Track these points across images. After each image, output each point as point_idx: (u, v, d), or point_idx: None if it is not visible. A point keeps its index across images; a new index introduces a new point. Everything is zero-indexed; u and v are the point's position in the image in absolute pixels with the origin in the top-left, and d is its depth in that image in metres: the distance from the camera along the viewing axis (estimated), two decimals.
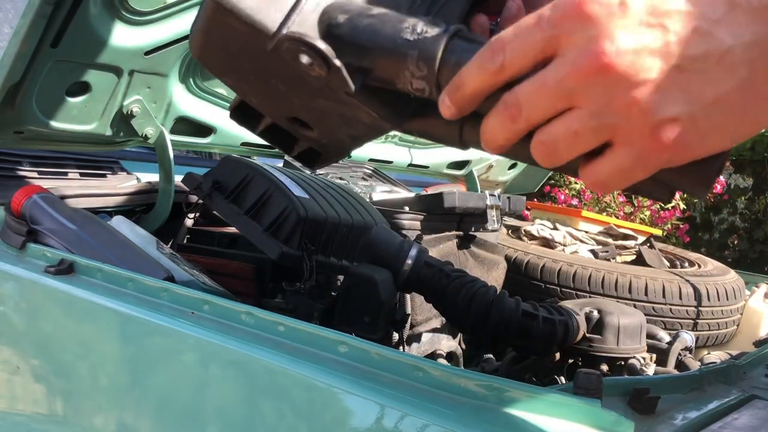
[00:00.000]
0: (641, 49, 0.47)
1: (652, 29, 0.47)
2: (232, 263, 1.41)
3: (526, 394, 0.72)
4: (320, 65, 0.63)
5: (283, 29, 0.63)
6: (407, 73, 0.60)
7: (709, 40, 0.47)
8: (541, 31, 0.50)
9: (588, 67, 0.48)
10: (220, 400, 0.88)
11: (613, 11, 0.47)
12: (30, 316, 1.16)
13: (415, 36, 0.59)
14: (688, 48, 0.47)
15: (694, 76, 0.47)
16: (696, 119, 0.48)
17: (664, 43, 0.47)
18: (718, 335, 1.88)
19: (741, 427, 0.82)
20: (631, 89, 0.47)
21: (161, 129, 1.65)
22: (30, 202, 1.26)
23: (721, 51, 0.46)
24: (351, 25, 0.63)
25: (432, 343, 1.61)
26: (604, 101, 0.48)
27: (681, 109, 0.47)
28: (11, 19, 1.23)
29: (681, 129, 0.48)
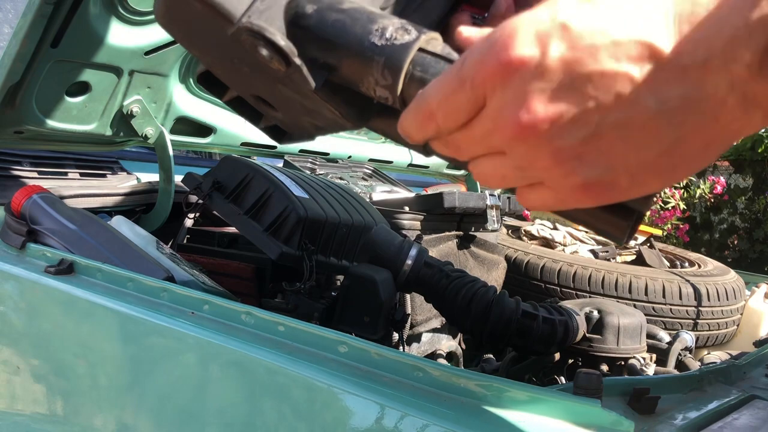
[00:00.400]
0: (557, 118, 0.45)
1: (571, 95, 0.45)
2: (232, 263, 1.41)
3: (526, 394, 0.72)
4: (279, 61, 0.61)
5: (243, 18, 0.60)
6: (371, 79, 0.58)
7: (631, 106, 0.44)
8: (466, 93, 0.49)
9: (508, 131, 0.47)
10: (220, 400, 0.88)
11: (532, 74, 0.45)
12: (30, 316, 1.16)
13: (383, 41, 0.57)
14: (608, 115, 0.45)
15: (616, 142, 0.45)
16: (618, 180, 0.47)
17: (582, 111, 0.45)
18: (718, 335, 1.88)
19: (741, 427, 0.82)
20: (550, 155, 0.47)
21: (161, 129, 1.65)
22: (30, 202, 1.26)
23: (645, 118, 0.44)
24: (318, 18, 0.60)
25: (432, 343, 1.61)
26: (527, 161, 0.48)
27: (601, 172, 0.46)
28: (11, 19, 1.23)
29: (604, 186, 0.47)
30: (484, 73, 0.47)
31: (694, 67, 0.43)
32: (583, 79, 0.45)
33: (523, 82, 0.46)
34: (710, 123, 0.44)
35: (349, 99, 0.64)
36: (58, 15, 1.25)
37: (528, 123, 0.46)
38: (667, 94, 0.44)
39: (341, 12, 0.60)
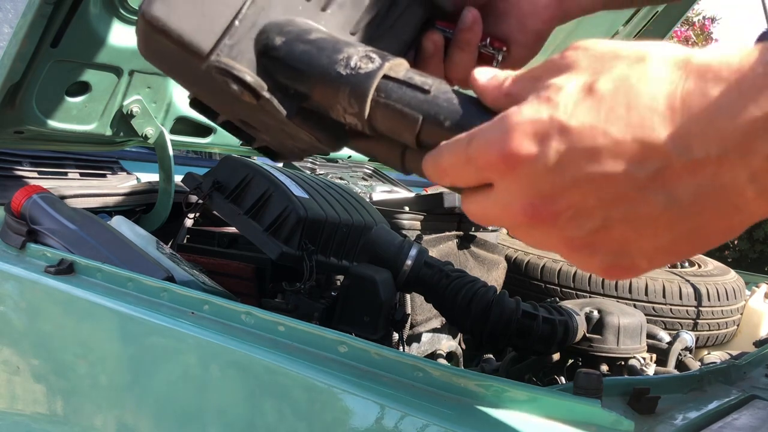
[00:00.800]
0: (561, 213, 0.45)
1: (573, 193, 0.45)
2: (232, 263, 1.41)
3: (526, 394, 0.72)
4: (249, 95, 0.62)
5: (212, 55, 0.62)
6: (340, 106, 0.59)
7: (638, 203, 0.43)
8: (472, 171, 0.49)
9: (517, 220, 0.48)
10: (220, 401, 0.88)
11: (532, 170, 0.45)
12: (30, 316, 1.16)
13: (348, 70, 0.58)
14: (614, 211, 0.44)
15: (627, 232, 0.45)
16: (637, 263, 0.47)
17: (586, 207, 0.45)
18: (719, 335, 1.88)
19: (741, 427, 0.82)
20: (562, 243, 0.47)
21: (161, 129, 1.65)
22: (30, 202, 1.26)
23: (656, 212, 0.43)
24: (287, 50, 0.62)
25: (432, 343, 1.61)
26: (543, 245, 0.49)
27: (616, 258, 0.46)
28: (11, 18, 1.23)
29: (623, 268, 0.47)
30: (487, 160, 0.48)
31: (708, 161, 0.41)
32: (584, 180, 0.44)
33: (525, 177, 0.46)
34: (731, 212, 0.43)
35: (323, 124, 0.65)
36: (57, 15, 1.25)
37: (533, 216, 0.46)
38: (678, 190, 0.42)
39: (308, 43, 0.61)
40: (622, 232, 0.45)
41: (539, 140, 0.45)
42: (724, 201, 0.42)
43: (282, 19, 0.64)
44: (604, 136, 0.43)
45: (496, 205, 0.49)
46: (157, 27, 0.62)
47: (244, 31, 0.63)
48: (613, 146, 0.43)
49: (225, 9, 0.62)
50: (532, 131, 0.45)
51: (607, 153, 0.43)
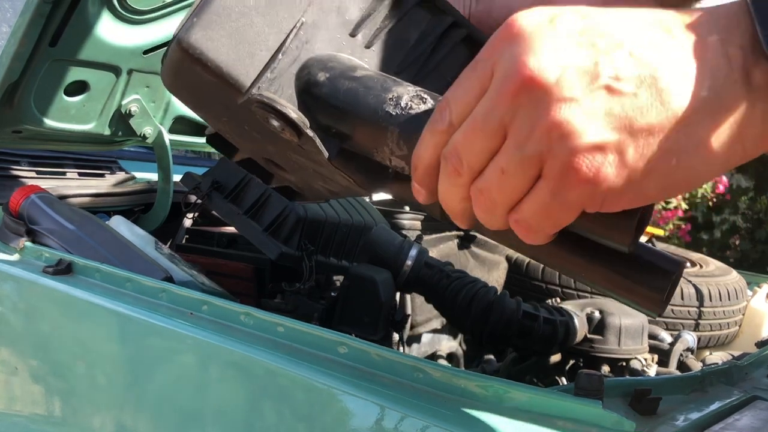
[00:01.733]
0: (567, 65, 0.43)
1: (581, 47, 0.43)
2: (231, 263, 1.41)
3: (527, 395, 0.71)
4: (291, 132, 0.60)
5: (253, 89, 0.59)
6: (386, 149, 0.56)
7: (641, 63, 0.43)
8: (477, 69, 0.46)
9: (511, 87, 0.44)
10: (219, 402, 0.88)
11: (542, 27, 0.44)
12: (28, 316, 1.16)
13: (398, 111, 0.55)
14: (618, 68, 0.42)
15: (626, 99, 0.42)
16: (623, 149, 0.43)
17: (593, 62, 0.43)
18: (720, 336, 1.88)
19: (743, 428, 0.81)
20: (554, 108, 0.42)
21: (160, 128, 1.65)
22: (28, 202, 1.26)
23: (655, 76, 0.42)
24: (331, 87, 0.59)
25: (432, 343, 1.60)
26: (528, 127, 0.43)
27: (607, 135, 0.42)
28: (9, 18, 1.23)
29: (605, 160, 0.43)
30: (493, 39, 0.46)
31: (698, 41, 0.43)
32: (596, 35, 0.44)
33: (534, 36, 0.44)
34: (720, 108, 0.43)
35: (363, 167, 0.62)
36: (56, 14, 1.25)
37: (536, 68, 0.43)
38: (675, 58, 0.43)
39: (354, 80, 0.58)
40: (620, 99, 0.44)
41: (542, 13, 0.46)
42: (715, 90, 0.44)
43: (325, 55, 0.62)
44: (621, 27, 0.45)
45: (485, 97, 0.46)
46: (194, 57, 0.59)
47: (285, 65, 0.60)
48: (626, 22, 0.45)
49: (268, 41, 0.60)
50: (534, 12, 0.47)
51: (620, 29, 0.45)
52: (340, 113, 0.59)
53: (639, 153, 0.43)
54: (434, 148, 0.49)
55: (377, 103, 0.56)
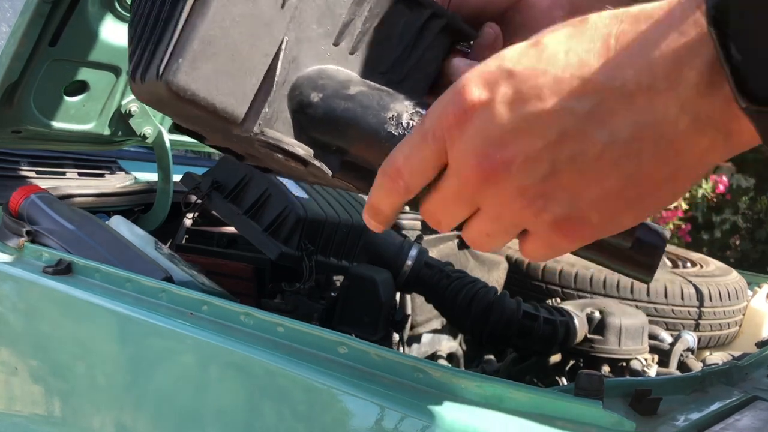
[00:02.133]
0: (513, 159, 0.46)
1: (522, 136, 0.46)
2: (231, 263, 1.41)
3: (527, 395, 0.71)
4: (296, 163, 0.61)
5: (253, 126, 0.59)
6: None
7: (581, 140, 0.45)
8: (428, 146, 0.50)
9: (472, 180, 0.48)
10: (218, 402, 0.88)
11: (484, 119, 0.47)
12: (28, 316, 1.16)
13: (400, 131, 0.56)
14: (560, 152, 0.45)
15: (574, 176, 0.46)
16: (588, 215, 0.47)
17: (534, 150, 0.46)
18: (720, 336, 1.87)
19: (743, 428, 0.81)
20: (517, 196, 0.47)
21: (160, 128, 1.65)
22: (28, 202, 1.26)
23: (598, 150, 0.44)
24: (326, 108, 0.59)
25: (432, 344, 1.60)
26: (499, 208, 0.49)
27: (567, 208, 0.47)
28: (9, 17, 1.22)
29: (577, 223, 0.47)
30: (442, 123, 0.49)
31: (639, 92, 0.43)
32: (531, 119, 0.45)
33: (477, 129, 0.47)
34: (668, 150, 0.44)
35: (364, 175, 0.63)
36: (56, 14, 1.25)
37: (487, 168, 0.47)
38: (615, 125, 0.44)
39: (349, 99, 0.59)
40: (570, 177, 0.46)
41: (488, 87, 0.47)
42: (660, 135, 0.43)
43: (313, 71, 0.61)
44: (544, 75, 0.45)
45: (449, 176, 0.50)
46: (186, 98, 0.58)
47: (277, 92, 0.60)
48: (554, 83, 0.45)
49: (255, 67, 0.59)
50: (482, 80, 0.47)
51: (548, 90, 0.45)
52: (339, 133, 0.60)
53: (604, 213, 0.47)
54: (393, 204, 0.55)
55: (377, 124, 0.57)
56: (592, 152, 0.45)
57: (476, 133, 0.47)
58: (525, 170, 0.46)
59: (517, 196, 0.47)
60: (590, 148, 0.44)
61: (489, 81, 0.47)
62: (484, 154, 0.47)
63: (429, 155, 0.50)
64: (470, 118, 0.47)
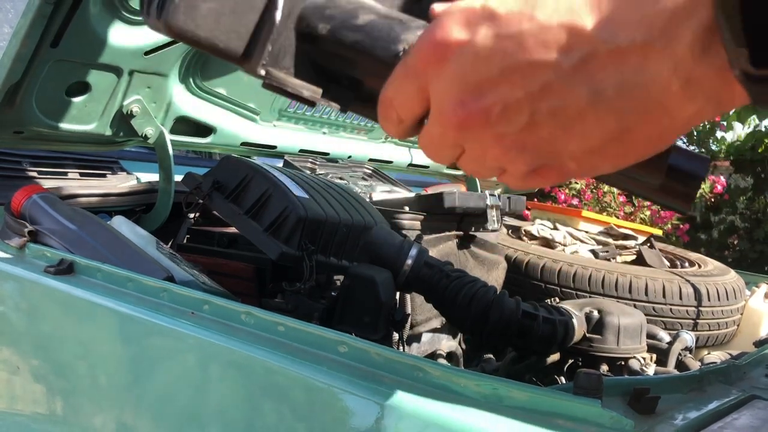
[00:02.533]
0: (490, 108, 0.44)
1: (501, 84, 0.44)
2: (232, 263, 1.41)
3: (527, 394, 0.72)
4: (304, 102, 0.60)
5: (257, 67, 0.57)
6: None
7: (564, 95, 0.42)
8: (410, 82, 0.48)
9: (452, 125, 0.46)
10: (219, 401, 0.88)
11: (462, 61, 0.45)
12: (30, 316, 1.16)
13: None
14: (540, 104, 0.43)
15: (555, 130, 0.44)
16: (566, 165, 0.46)
17: (514, 100, 0.43)
18: (719, 335, 1.88)
19: (741, 427, 0.81)
20: (494, 144, 0.46)
21: (161, 129, 1.65)
22: (30, 202, 1.26)
23: (581, 106, 0.42)
24: (334, 40, 0.57)
25: (432, 343, 1.61)
26: (480, 151, 0.47)
27: (545, 159, 0.46)
28: (11, 18, 1.23)
29: (553, 169, 0.46)
30: (421, 59, 0.47)
31: (632, 49, 0.40)
32: (511, 69, 0.43)
33: (455, 69, 0.45)
34: (656, 110, 0.42)
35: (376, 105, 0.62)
36: (58, 15, 1.25)
37: (463, 115, 0.45)
38: (602, 83, 0.41)
39: (358, 30, 0.56)
40: (550, 129, 0.44)
41: (469, 27, 0.44)
42: (650, 97, 0.41)
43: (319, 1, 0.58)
44: (530, 21, 0.42)
45: (433, 117, 0.48)
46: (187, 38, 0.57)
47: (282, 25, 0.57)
48: (539, 32, 0.42)
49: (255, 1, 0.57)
50: (463, 19, 0.45)
51: (533, 39, 0.42)
52: (349, 67, 0.58)
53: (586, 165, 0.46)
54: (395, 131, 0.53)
55: (388, 57, 0.54)
56: (574, 108, 0.42)
57: (453, 75, 0.45)
58: (503, 120, 0.44)
59: (495, 144, 0.46)
60: (573, 104, 0.42)
61: (470, 20, 0.44)
62: (460, 100, 0.45)
63: (411, 91, 0.48)
64: (447, 58, 0.45)
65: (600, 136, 0.43)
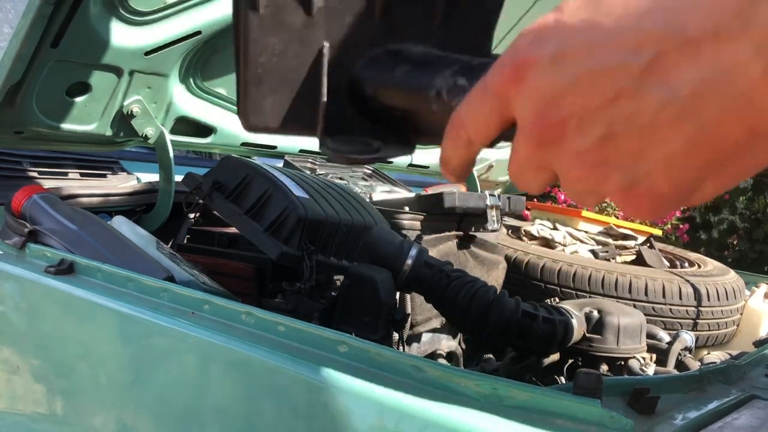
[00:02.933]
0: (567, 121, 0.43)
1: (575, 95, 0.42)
2: (232, 263, 1.41)
3: (526, 394, 0.72)
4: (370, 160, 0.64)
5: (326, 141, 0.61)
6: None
7: (637, 99, 0.40)
8: (488, 102, 0.47)
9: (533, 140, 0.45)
10: (220, 401, 0.88)
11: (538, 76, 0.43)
12: (30, 316, 1.16)
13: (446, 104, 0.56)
14: (615, 111, 0.41)
15: (633, 139, 0.41)
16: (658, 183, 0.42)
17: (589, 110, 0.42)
18: (718, 335, 1.88)
19: (741, 427, 0.82)
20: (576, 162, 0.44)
21: (161, 129, 1.65)
22: (30, 202, 1.26)
23: (655, 109, 0.40)
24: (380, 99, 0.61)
25: (432, 343, 1.61)
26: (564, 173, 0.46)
27: (632, 174, 0.43)
28: (11, 19, 1.23)
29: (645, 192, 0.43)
30: (499, 78, 0.46)
31: (704, 39, 0.37)
32: (582, 77, 0.42)
33: (533, 87, 0.44)
34: (739, 104, 0.38)
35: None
36: (58, 15, 1.25)
37: (542, 127, 0.44)
38: (676, 81, 0.39)
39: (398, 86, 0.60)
40: (627, 139, 0.41)
41: (543, 41, 0.44)
42: (730, 88, 0.38)
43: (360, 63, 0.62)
44: (598, 28, 0.41)
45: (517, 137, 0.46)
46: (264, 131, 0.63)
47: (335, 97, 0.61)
48: (607, 36, 0.41)
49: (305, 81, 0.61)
50: (538, 35, 0.44)
51: (602, 44, 0.41)
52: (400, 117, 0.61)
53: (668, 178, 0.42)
54: (460, 157, 0.52)
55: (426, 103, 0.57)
56: (648, 111, 0.40)
57: (532, 91, 0.44)
58: (579, 132, 0.43)
59: (576, 162, 0.44)
60: (646, 107, 0.40)
61: (544, 35, 0.44)
62: (540, 113, 0.44)
63: (488, 111, 0.47)
64: (525, 75, 0.44)
65: (678, 142, 0.40)
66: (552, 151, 0.45)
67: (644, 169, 0.42)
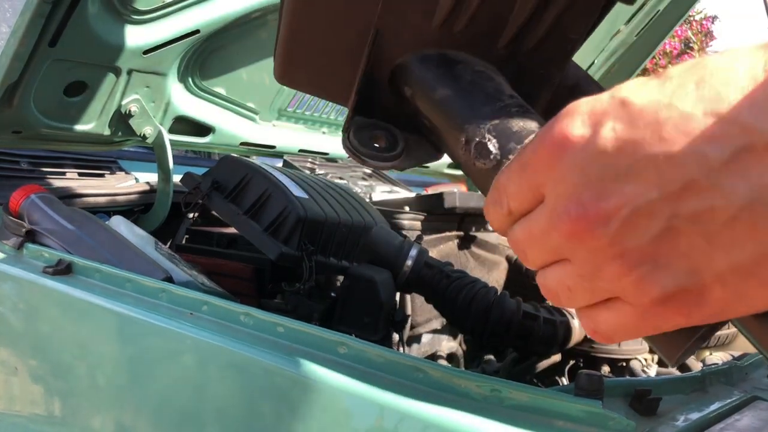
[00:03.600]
0: (615, 212, 0.36)
1: (631, 183, 0.36)
2: (231, 264, 1.41)
3: (527, 395, 0.71)
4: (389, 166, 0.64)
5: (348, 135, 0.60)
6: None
7: (712, 195, 0.34)
8: (524, 178, 0.42)
9: (561, 229, 0.39)
10: (218, 402, 0.88)
11: (582, 158, 0.38)
12: (28, 316, 1.16)
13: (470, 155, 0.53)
14: (681, 206, 0.35)
15: (697, 240, 0.35)
16: (709, 290, 0.36)
17: (646, 202, 0.36)
18: (720, 336, 1.87)
19: (743, 428, 0.81)
20: (616, 258, 0.37)
21: (160, 128, 1.65)
22: (28, 202, 1.26)
23: (734, 209, 0.34)
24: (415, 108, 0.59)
25: (432, 344, 1.60)
26: (592, 267, 0.38)
27: (683, 279, 0.36)
28: (9, 18, 1.23)
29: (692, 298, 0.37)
30: (536, 155, 0.40)
31: None
32: (645, 163, 0.36)
33: (575, 165, 0.38)
34: None
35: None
36: (56, 14, 1.25)
37: (579, 218, 0.37)
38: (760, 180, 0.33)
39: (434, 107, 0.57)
40: (690, 241, 0.36)
41: (593, 119, 0.38)
42: None
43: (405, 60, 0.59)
44: (668, 109, 0.35)
45: (541, 210, 0.40)
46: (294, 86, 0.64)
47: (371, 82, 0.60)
48: (680, 120, 0.35)
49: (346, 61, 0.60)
50: (588, 111, 0.38)
51: (673, 128, 0.35)
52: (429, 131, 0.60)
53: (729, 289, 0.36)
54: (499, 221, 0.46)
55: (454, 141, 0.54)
56: (724, 212, 0.34)
57: (572, 170, 0.38)
58: (630, 227, 0.36)
59: (615, 258, 0.37)
60: (722, 207, 0.34)
61: (596, 113, 0.38)
62: (578, 201, 0.37)
63: (524, 185, 0.42)
64: (564, 155, 0.38)
65: (753, 250, 0.35)
66: (581, 243, 0.38)
67: (700, 274, 0.36)
